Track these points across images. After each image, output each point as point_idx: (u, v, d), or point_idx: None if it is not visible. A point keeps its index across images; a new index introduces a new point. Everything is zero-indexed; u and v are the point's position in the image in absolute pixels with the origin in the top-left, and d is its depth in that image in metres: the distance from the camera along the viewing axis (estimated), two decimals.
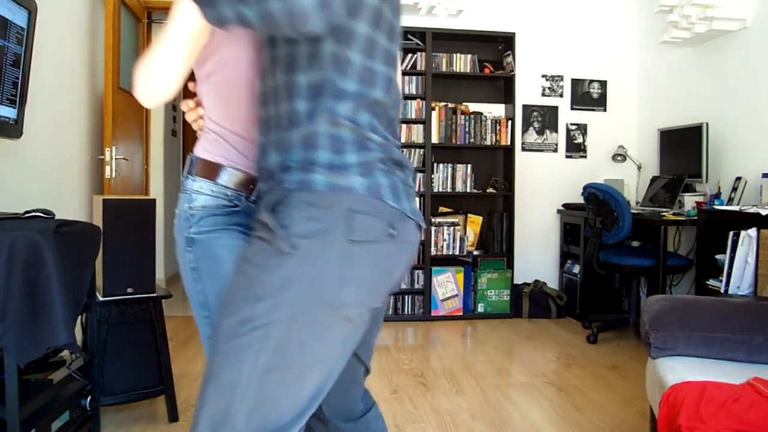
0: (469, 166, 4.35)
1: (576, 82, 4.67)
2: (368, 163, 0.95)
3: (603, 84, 4.70)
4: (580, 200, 4.02)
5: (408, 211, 0.98)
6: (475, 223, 4.44)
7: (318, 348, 0.94)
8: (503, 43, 4.46)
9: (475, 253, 4.40)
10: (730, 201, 3.36)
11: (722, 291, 2.80)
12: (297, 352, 0.93)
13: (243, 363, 0.94)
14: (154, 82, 0.97)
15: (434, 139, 4.27)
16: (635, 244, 4.12)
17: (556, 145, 4.67)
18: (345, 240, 0.91)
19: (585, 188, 3.82)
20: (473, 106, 4.46)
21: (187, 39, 0.94)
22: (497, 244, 4.42)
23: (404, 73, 4.22)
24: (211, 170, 1.11)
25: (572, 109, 4.68)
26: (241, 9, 0.84)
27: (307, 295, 0.91)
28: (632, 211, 3.66)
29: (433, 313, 4.22)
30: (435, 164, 4.29)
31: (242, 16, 0.85)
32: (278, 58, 0.98)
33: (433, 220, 4.25)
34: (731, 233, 2.78)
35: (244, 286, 0.94)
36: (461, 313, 4.25)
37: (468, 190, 4.35)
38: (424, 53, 4.23)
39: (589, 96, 4.69)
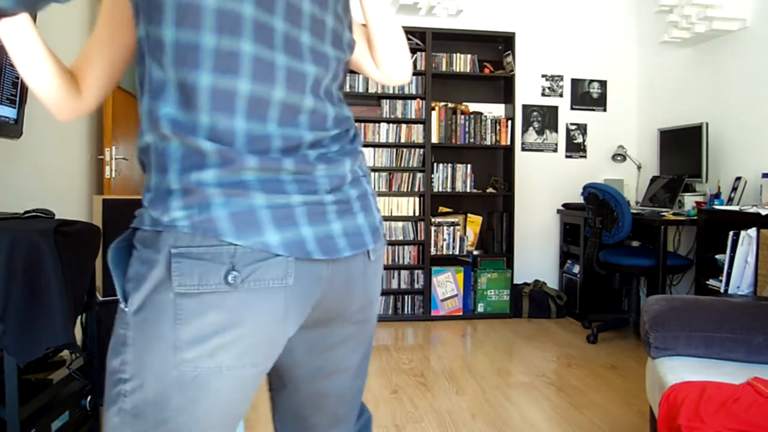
0: (469, 166, 4.35)
1: (576, 82, 4.67)
2: (196, 186, 0.73)
3: (603, 84, 4.70)
4: (580, 200, 4.02)
5: (273, 246, 0.74)
6: (474, 223, 4.44)
7: (180, 418, 0.75)
8: (503, 43, 4.47)
9: (475, 253, 4.40)
10: (730, 201, 3.36)
11: (722, 291, 2.80)
12: (154, 419, 0.76)
13: (110, 418, 0.78)
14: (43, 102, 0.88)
15: (434, 139, 4.27)
16: (635, 244, 4.12)
17: (556, 145, 4.67)
18: (171, 291, 0.73)
19: (585, 188, 3.82)
20: (473, 106, 4.46)
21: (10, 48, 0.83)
22: (497, 244, 4.42)
23: None
24: None
25: (572, 109, 4.68)
26: None
27: (145, 358, 0.75)
28: (632, 211, 3.67)
29: (432, 313, 4.22)
30: (435, 164, 4.29)
31: None
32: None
33: (433, 220, 4.25)
34: (731, 233, 2.78)
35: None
36: (461, 313, 4.25)
37: (468, 190, 4.35)
38: (424, 53, 4.23)
39: (589, 96, 4.69)
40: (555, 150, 4.67)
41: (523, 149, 4.62)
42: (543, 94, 4.64)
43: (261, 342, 0.77)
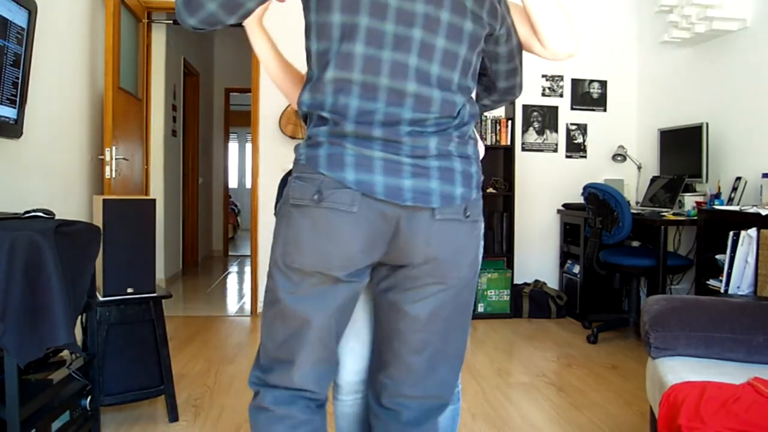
0: None
1: (576, 82, 4.67)
2: (314, 135, 1.06)
3: (603, 84, 4.70)
4: (580, 200, 4.02)
5: (348, 181, 1.01)
6: None
7: (281, 299, 1.10)
8: None
9: None
10: (730, 201, 3.36)
11: (722, 291, 2.80)
12: (269, 300, 1.14)
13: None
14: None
15: None
16: (635, 244, 4.12)
17: (556, 145, 4.67)
18: (289, 203, 1.07)
19: (585, 188, 3.82)
20: None
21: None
22: (497, 244, 4.42)
23: None
24: None
25: (572, 109, 4.68)
26: None
27: (271, 252, 1.11)
28: (632, 211, 3.66)
29: None
30: None
31: None
32: None
33: None
34: (731, 233, 2.78)
35: None
36: None
37: None
38: None
39: (589, 96, 4.69)
40: (555, 150, 4.67)
41: (523, 149, 4.61)
42: (543, 94, 4.64)
43: (341, 251, 1.04)
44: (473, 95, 1.16)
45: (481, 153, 1.28)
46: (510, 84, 1.28)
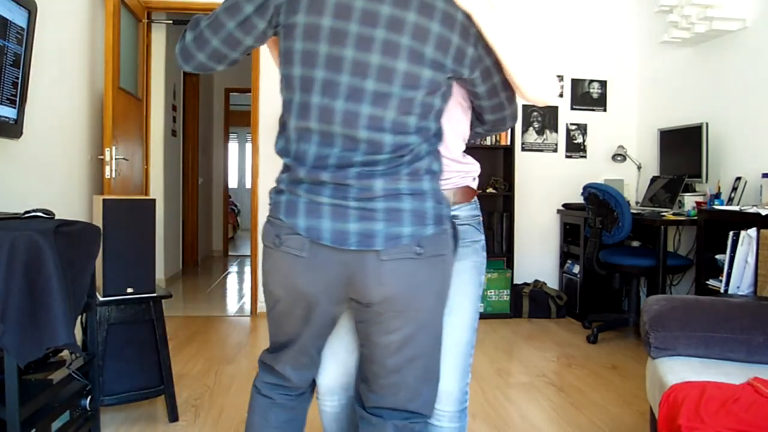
0: None
1: (576, 82, 4.67)
2: (279, 182, 1.19)
3: (603, 84, 4.70)
4: (580, 200, 4.02)
5: (299, 227, 1.11)
6: None
7: (268, 309, 1.28)
8: None
9: None
10: (730, 201, 3.36)
11: (722, 291, 2.80)
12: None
13: None
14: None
15: None
16: (635, 244, 4.12)
17: (556, 145, 4.67)
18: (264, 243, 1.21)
19: (585, 188, 3.82)
20: None
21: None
22: (497, 244, 4.42)
23: None
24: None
25: (572, 109, 4.68)
26: None
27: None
28: (632, 211, 3.66)
29: None
30: None
31: None
32: None
33: None
34: (731, 233, 2.78)
35: None
36: None
37: None
38: None
39: (589, 96, 4.69)
40: (555, 150, 4.67)
41: (523, 149, 4.61)
42: None
43: (293, 289, 1.16)
44: (440, 130, 1.19)
45: (475, 172, 1.38)
46: (497, 117, 1.29)
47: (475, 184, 1.39)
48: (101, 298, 2.20)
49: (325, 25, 1.06)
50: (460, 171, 1.32)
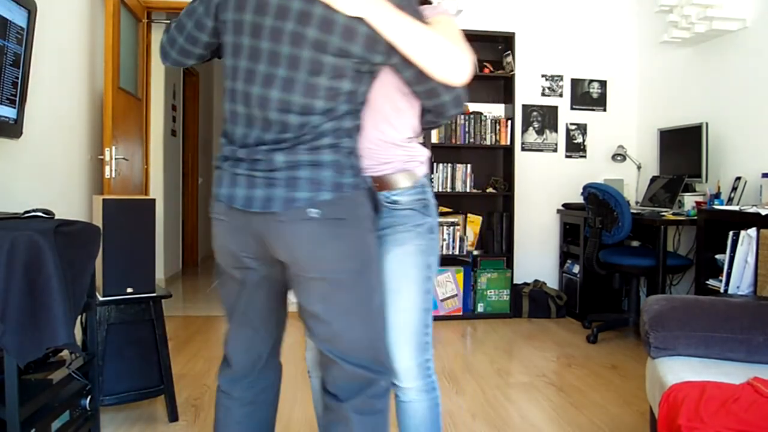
0: (469, 166, 4.35)
1: (576, 82, 4.67)
2: (214, 161, 1.35)
3: (603, 84, 4.70)
4: (580, 200, 4.02)
5: (221, 195, 1.28)
6: (474, 223, 4.44)
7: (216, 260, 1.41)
8: (503, 43, 4.46)
9: (475, 253, 4.40)
10: (730, 201, 3.36)
11: (722, 291, 2.80)
12: None
13: None
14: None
15: (434, 139, 4.27)
16: (635, 244, 4.12)
17: (556, 145, 4.67)
18: None
19: (585, 188, 3.82)
20: (473, 106, 4.45)
21: None
22: (497, 244, 4.42)
23: None
24: None
25: (572, 109, 4.68)
26: None
27: None
28: (632, 210, 3.67)
29: (432, 313, 4.21)
30: (435, 164, 4.29)
31: None
32: None
33: None
34: (731, 233, 2.78)
35: None
36: (461, 313, 4.25)
37: (468, 190, 4.35)
38: None
39: (589, 96, 4.69)
40: (555, 150, 4.67)
41: (523, 149, 4.61)
42: (543, 94, 4.64)
43: (225, 251, 1.34)
44: (353, 111, 1.27)
45: (420, 156, 1.43)
46: (435, 103, 1.33)
47: (420, 169, 1.43)
48: (101, 298, 2.20)
49: (247, 21, 1.22)
50: (403, 156, 1.39)
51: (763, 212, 2.65)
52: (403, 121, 1.37)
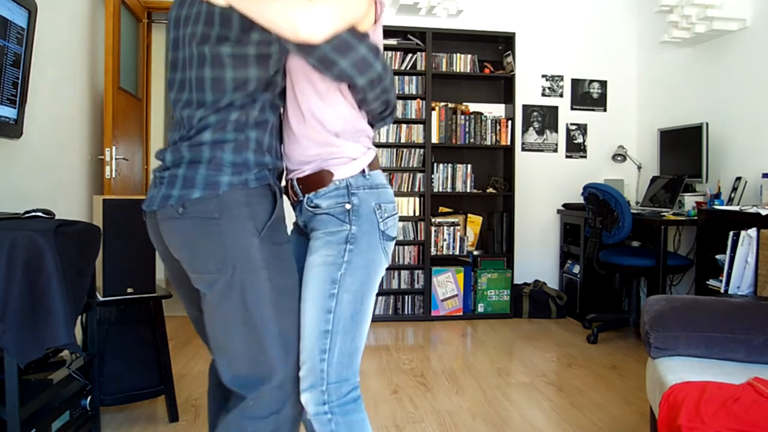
0: (469, 166, 4.35)
1: (576, 82, 4.67)
2: None
3: (603, 84, 4.70)
4: (580, 200, 4.02)
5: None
6: (475, 223, 4.44)
7: None
8: (503, 43, 4.46)
9: (475, 253, 4.40)
10: (730, 201, 3.36)
11: (722, 291, 2.80)
12: None
13: None
14: None
15: (434, 139, 4.27)
16: (635, 244, 4.12)
17: (556, 145, 4.67)
18: None
19: (585, 188, 3.82)
20: (473, 106, 4.45)
21: None
22: (497, 244, 4.42)
23: (404, 73, 4.22)
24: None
25: (572, 109, 4.68)
26: None
27: None
28: (632, 211, 3.66)
29: (433, 313, 4.22)
30: (435, 164, 4.29)
31: None
32: None
33: (433, 220, 4.25)
34: (731, 233, 2.78)
35: None
36: (461, 313, 4.25)
37: (468, 190, 4.35)
38: (424, 53, 4.23)
39: (589, 96, 4.69)
40: (555, 150, 4.67)
41: (523, 149, 4.61)
42: (543, 94, 4.64)
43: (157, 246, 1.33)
44: (238, 102, 1.22)
45: (344, 156, 1.29)
46: (336, 73, 1.19)
47: (345, 169, 1.29)
48: (101, 298, 2.20)
49: (171, 37, 1.28)
50: (324, 154, 1.28)
51: (763, 212, 2.65)
52: (329, 113, 1.26)
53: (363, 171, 1.29)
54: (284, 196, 1.35)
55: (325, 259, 1.26)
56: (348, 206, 1.27)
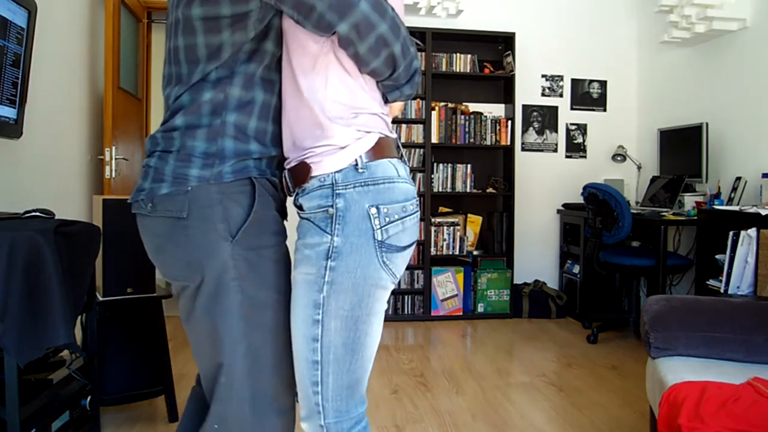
0: (469, 166, 4.35)
1: (576, 82, 4.67)
2: None
3: (603, 84, 4.70)
4: (580, 200, 4.02)
5: None
6: (475, 223, 4.44)
7: None
8: (503, 43, 4.46)
9: (475, 253, 4.40)
10: (730, 201, 3.36)
11: (722, 291, 2.80)
12: None
13: None
14: None
15: (434, 139, 4.27)
16: (635, 244, 4.12)
17: (556, 145, 4.67)
18: None
19: (585, 188, 3.82)
20: (473, 106, 4.46)
21: None
22: (497, 244, 4.42)
23: None
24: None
25: (572, 109, 4.68)
26: None
27: None
28: (632, 211, 3.66)
29: (433, 313, 4.22)
30: (435, 164, 4.29)
31: None
32: None
33: (433, 219, 4.25)
34: (731, 233, 2.78)
35: None
36: (461, 313, 4.25)
37: (468, 190, 4.35)
38: (424, 53, 4.23)
39: (589, 96, 4.69)
40: (555, 150, 4.67)
41: (523, 149, 4.61)
42: (543, 94, 4.64)
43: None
44: (212, 77, 1.05)
45: (332, 146, 1.04)
46: (313, 20, 0.98)
47: (326, 163, 1.04)
48: (101, 298, 2.20)
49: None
50: (313, 141, 1.04)
51: (763, 212, 2.65)
52: (320, 83, 1.03)
53: (356, 163, 1.02)
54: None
55: (305, 278, 1.05)
56: (331, 210, 1.02)
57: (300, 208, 1.08)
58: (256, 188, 1.06)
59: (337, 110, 1.03)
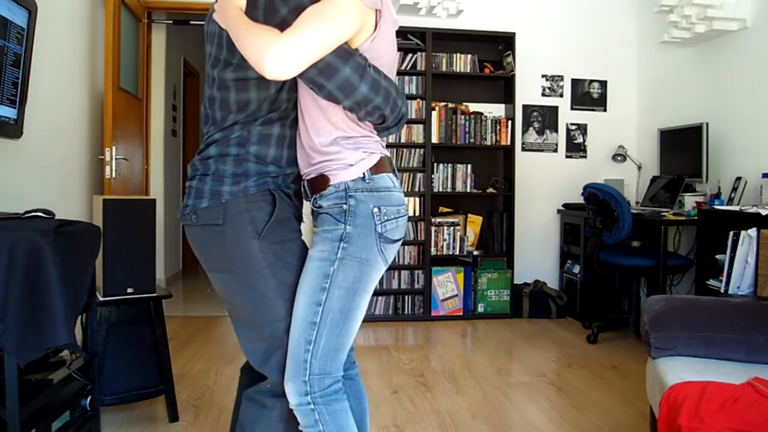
0: (469, 166, 4.35)
1: (576, 82, 4.67)
2: None
3: (603, 84, 4.70)
4: (580, 200, 4.02)
5: None
6: (475, 223, 4.44)
7: None
8: (503, 43, 4.46)
9: (475, 253, 4.40)
10: (730, 201, 3.36)
11: (722, 291, 2.80)
12: None
13: None
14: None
15: (434, 139, 4.27)
16: (635, 244, 4.12)
17: (556, 145, 4.67)
18: None
19: (585, 188, 3.82)
20: (473, 106, 4.46)
21: None
22: (497, 244, 4.42)
23: (404, 73, 4.23)
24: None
25: (572, 109, 4.68)
26: None
27: None
28: (632, 211, 3.67)
29: (433, 313, 4.22)
30: (435, 164, 4.29)
31: None
32: None
33: (433, 220, 4.25)
34: (731, 233, 2.78)
35: None
36: (461, 313, 4.25)
37: (468, 190, 4.35)
38: (424, 53, 4.23)
39: (589, 96, 4.69)
40: (555, 150, 4.67)
41: (523, 149, 4.61)
42: (543, 94, 4.64)
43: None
44: (230, 118, 1.34)
45: (340, 162, 1.34)
46: (348, 109, 1.31)
47: (343, 174, 1.34)
48: (101, 298, 2.20)
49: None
50: (322, 162, 1.35)
51: (763, 212, 2.65)
52: (328, 124, 1.33)
53: (363, 175, 1.35)
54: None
55: (320, 254, 1.32)
56: (345, 207, 1.33)
57: (319, 207, 1.36)
58: (275, 197, 1.35)
59: (344, 141, 1.35)
